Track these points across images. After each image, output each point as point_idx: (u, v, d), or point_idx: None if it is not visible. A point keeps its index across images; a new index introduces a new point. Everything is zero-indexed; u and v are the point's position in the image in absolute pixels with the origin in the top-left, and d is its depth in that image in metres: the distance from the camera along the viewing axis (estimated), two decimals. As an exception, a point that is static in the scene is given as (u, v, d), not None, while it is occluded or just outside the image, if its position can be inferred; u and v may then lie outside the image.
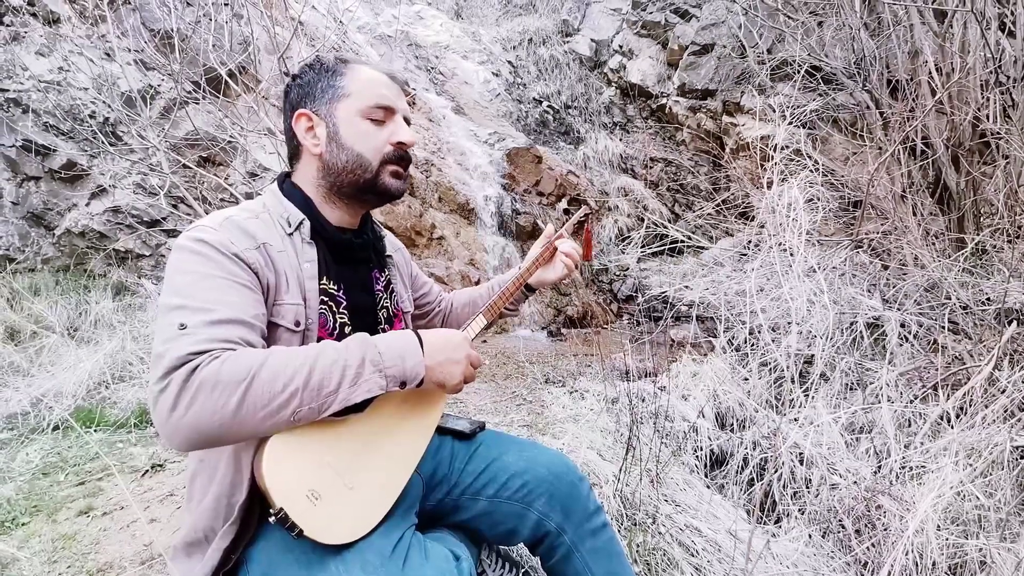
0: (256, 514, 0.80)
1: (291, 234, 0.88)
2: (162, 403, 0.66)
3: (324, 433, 0.78)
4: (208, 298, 0.74)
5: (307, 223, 0.90)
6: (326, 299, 0.90)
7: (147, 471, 2.08)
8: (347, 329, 0.92)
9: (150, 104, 4.10)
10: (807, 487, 1.84)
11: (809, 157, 3.25)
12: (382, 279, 1.04)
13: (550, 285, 1.27)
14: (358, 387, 0.75)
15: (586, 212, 1.31)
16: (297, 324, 0.84)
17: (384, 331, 0.99)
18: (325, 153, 0.91)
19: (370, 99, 0.91)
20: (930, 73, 3.25)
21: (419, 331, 0.86)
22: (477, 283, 4.86)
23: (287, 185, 0.95)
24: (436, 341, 0.86)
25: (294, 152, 0.96)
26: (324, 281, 0.90)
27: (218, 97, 3.25)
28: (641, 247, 5.57)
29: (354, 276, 0.97)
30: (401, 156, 0.94)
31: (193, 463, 0.84)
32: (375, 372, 0.76)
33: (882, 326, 2.57)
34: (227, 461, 0.79)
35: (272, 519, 0.70)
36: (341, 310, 0.92)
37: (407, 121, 0.96)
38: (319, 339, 0.87)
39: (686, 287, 4.39)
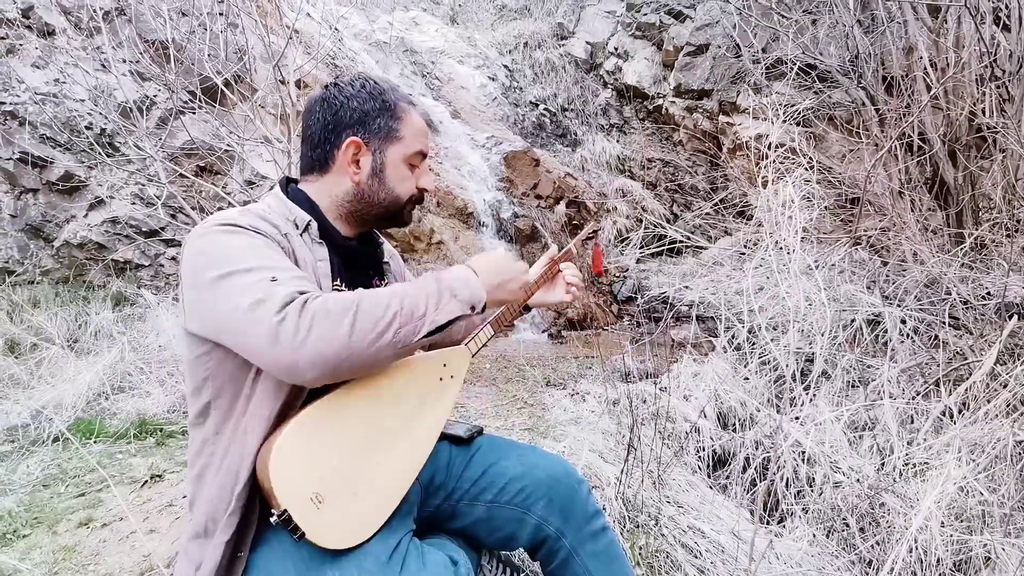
0: (256, 511, 0.79)
1: (301, 234, 0.89)
2: (284, 333, 0.69)
3: (329, 436, 0.78)
4: (273, 260, 0.78)
5: (314, 224, 0.91)
6: None
7: (146, 482, 2.07)
8: None
9: (146, 114, 4.11)
10: (810, 486, 1.83)
11: (803, 155, 3.26)
12: (381, 287, 1.04)
13: (550, 308, 1.27)
14: (441, 311, 0.81)
15: (594, 228, 1.32)
16: None
17: None
18: (363, 184, 0.94)
19: (415, 148, 0.97)
20: (925, 69, 3.25)
21: (469, 263, 0.93)
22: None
23: (292, 190, 0.95)
24: (486, 267, 0.93)
25: (322, 165, 0.94)
26: (336, 282, 0.91)
27: (214, 106, 3.25)
28: (640, 248, 5.56)
29: (358, 282, 0.98)
30: (421, 198, 1.03)
31: (200, 456, 0.82)
32: (452, 298, 0.83)
33: (882, 322, 2.56)
34: (228, 450, 0.79)
35: (274, 520, 0.70)
36: None
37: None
38: None
39: (686, 287, 4.39)
